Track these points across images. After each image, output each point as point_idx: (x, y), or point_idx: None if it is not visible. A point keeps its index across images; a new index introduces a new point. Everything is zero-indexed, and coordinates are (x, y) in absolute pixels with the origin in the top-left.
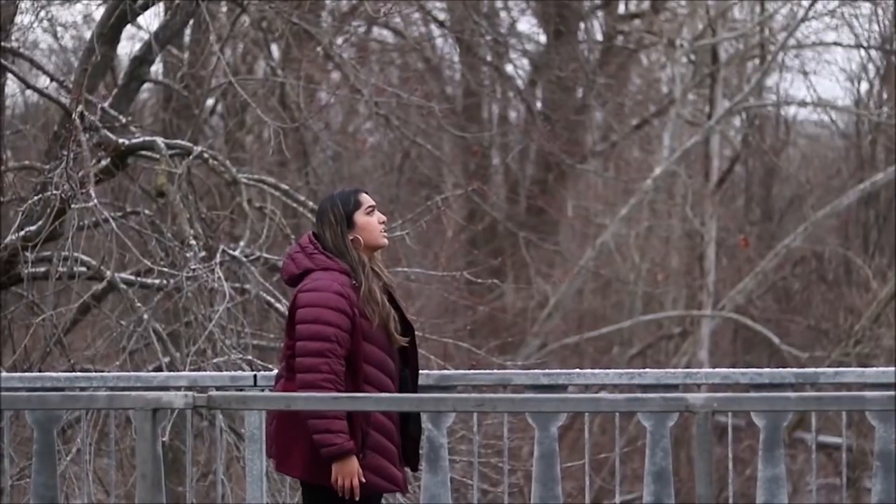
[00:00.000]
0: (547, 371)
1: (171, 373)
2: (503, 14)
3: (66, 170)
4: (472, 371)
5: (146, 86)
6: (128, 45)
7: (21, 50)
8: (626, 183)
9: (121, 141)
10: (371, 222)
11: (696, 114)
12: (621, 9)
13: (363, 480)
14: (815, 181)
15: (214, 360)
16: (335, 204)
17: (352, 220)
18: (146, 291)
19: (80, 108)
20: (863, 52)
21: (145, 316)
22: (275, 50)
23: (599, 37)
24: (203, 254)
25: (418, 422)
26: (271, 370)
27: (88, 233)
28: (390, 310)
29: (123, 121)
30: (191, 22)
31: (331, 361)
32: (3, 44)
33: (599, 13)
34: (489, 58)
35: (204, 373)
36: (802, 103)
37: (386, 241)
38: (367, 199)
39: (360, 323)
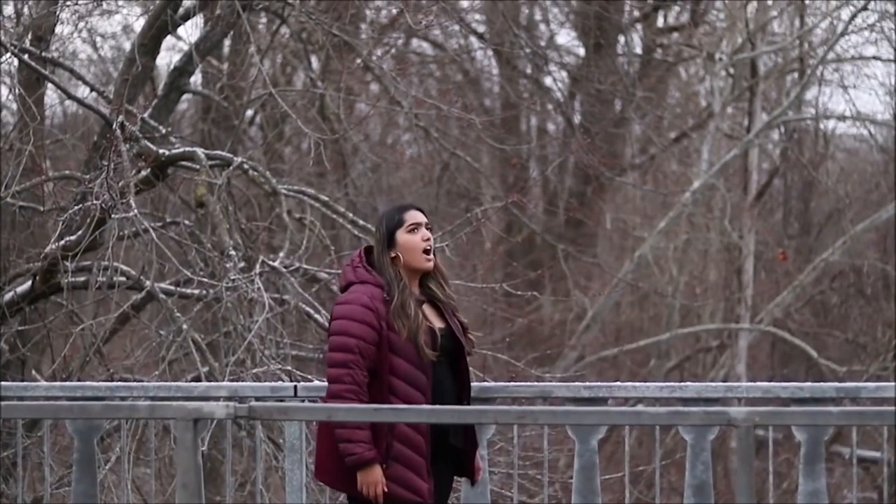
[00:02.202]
0: (588, 384)
1: (212, 383)
2: (542, 27)
3: (107, 180)
4: (512, 383)
5: (185, 96)
6: (167, 56)
7: (61, 60)
8: (665, 196)
9: (161, 151)
10: (411, 241)
11: (735, 127)
12: (660, 22)
13: (387, 490)
14: (854, 195)
15: (253, 371)
16: (381, 221)
17: (393, 238)
18: (185, 301)
19: (120, 118)
20: None
21: (184, 326)
22: (314, 61)
23: (638, 50)
24: (242, 264)
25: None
26: (311, 381)
27: (128, 243)
28: (420, 324)
29: (163, 131)
30: (231, 33)
31: (353, 372)
32: (43, 54)
33: (638, 26)
34: (528, 70)
35: (244, 383)
36: (841, 117)
37: (429, 264)
38: (410, 217)
39: (387, 336)
